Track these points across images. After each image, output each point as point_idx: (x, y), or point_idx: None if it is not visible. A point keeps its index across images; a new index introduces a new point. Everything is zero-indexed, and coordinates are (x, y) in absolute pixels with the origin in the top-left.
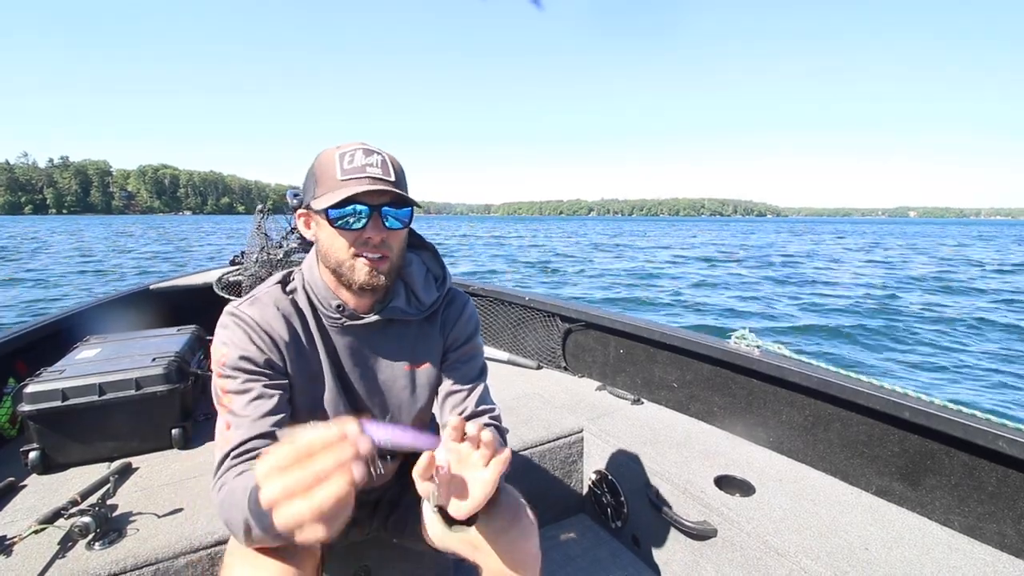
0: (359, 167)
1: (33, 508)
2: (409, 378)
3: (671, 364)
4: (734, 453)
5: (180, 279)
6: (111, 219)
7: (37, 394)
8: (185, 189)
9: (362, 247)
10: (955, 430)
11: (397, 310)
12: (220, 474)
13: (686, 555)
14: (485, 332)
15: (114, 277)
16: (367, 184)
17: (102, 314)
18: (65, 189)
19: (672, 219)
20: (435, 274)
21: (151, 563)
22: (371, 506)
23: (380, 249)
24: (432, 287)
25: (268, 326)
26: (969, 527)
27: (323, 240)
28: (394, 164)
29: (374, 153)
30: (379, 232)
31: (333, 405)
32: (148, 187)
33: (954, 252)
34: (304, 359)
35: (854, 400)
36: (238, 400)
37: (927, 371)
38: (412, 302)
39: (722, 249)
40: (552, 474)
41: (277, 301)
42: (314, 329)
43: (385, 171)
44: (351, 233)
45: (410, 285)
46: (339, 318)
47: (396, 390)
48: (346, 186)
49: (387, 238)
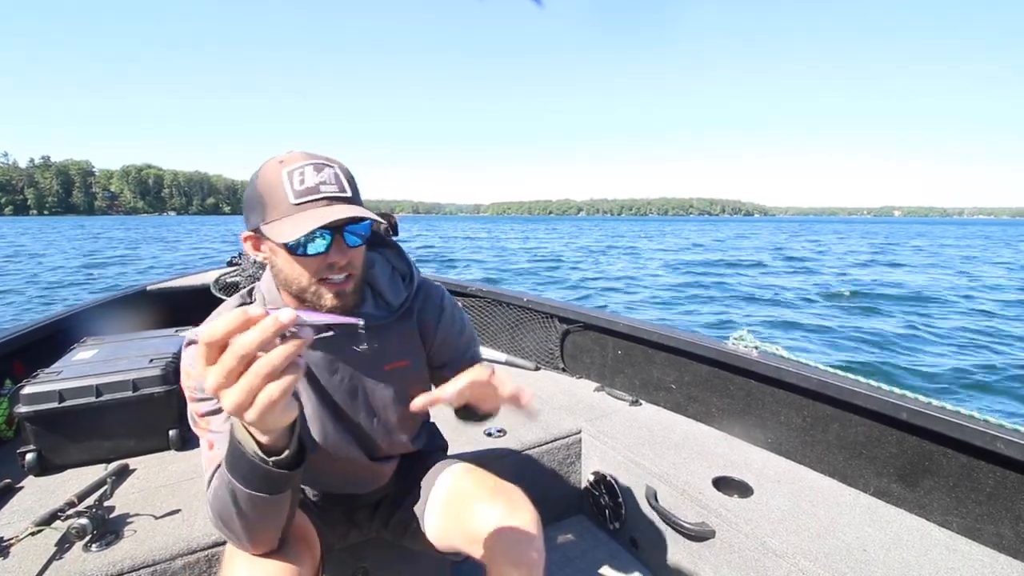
0: (312, 187)
1: (30, 510)
2: (391, 378)
3: (669, 365)
4: (732, 454)
5: (177, 280)
6: (91, 220)
7: (34, 395)
8: (170, 189)
9: (326, 271)
10: (953, 431)
11: (367, 316)
12: (210, 486)
13: (684, 556)
14: (483, 333)
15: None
16: (322, 206)
17: (99, 315)
18: (46, 190)
19: (662, 219)
20: (401, 272)
21: (148, 564)
22: (371, 508)
23: (344, 270)
24: (399, 286)
25: None
26: (967, 528)
27: (280, 266)
28: (346, 175)
29: (324, 167)
30: (342, 255)
31: (318, 422)
32: (132, 187)
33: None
34: None
35: (852, 401)
36: (216, 419)
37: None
38: (380, 304)
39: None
40: (550, 475)
41: None
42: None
43: (340, 187)
44: (312, 259)
45: (376, 287)
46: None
47: (379, 393)
48: (302, 212)
49: (351, 258)
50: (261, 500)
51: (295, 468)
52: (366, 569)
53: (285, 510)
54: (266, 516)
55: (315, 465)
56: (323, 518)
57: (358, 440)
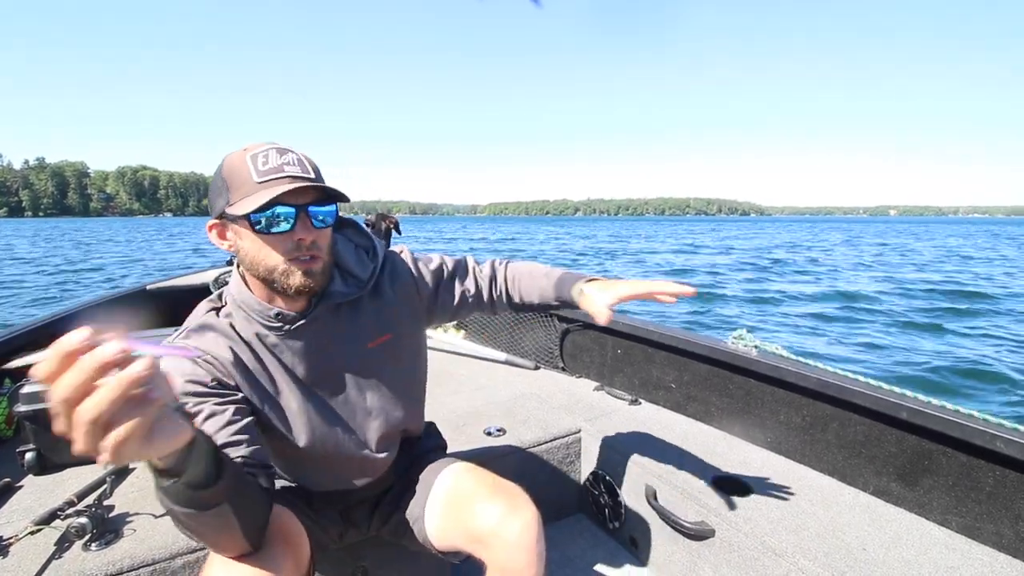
0: (276, 167)
1: (29, 509)
2: (377, 353)
3: (669, 364)
4: (732, 453)
5: (177, 279)
6: (84, 222)
7: (33, 395)
8: (165, 190)
9: (293, 251)
10: (953, 430)
11: (337, 294)
12: None
13: (684, 556)
14: (482, 332)
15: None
16: (288, 184)
17: (99, 314)
18: (41, 191)
19: (659, 219)
20: (364, 247)
21: (148, 564)
22: (369, 506)
23: (311, 250)
24: (365, 260)
25: (211, 353)
26: (967, 527)
27: (247, 249)
28: (310, 162)
29: (288, 152)
30: (309, 233)
31: (305, 411)
32: (127, 189)
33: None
34: (256, 378)
35: (851, 400)
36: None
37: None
38: (349, 281)
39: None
40: (549, 474)
41: (214, 327)
42: (259, 347)
43: (303, 169)
44: (278, 237)
45: (342, 264)
46: (282, 325)
47: (366, 373)
48: (266, 187)
49: (317, 238)
50: (195, 515)
51: (207, 488)
52: (365, 568)
53: (229, 523)
54: (210, 528)
55: (307, 462)
56: (316, 517)
57: (349, 430)
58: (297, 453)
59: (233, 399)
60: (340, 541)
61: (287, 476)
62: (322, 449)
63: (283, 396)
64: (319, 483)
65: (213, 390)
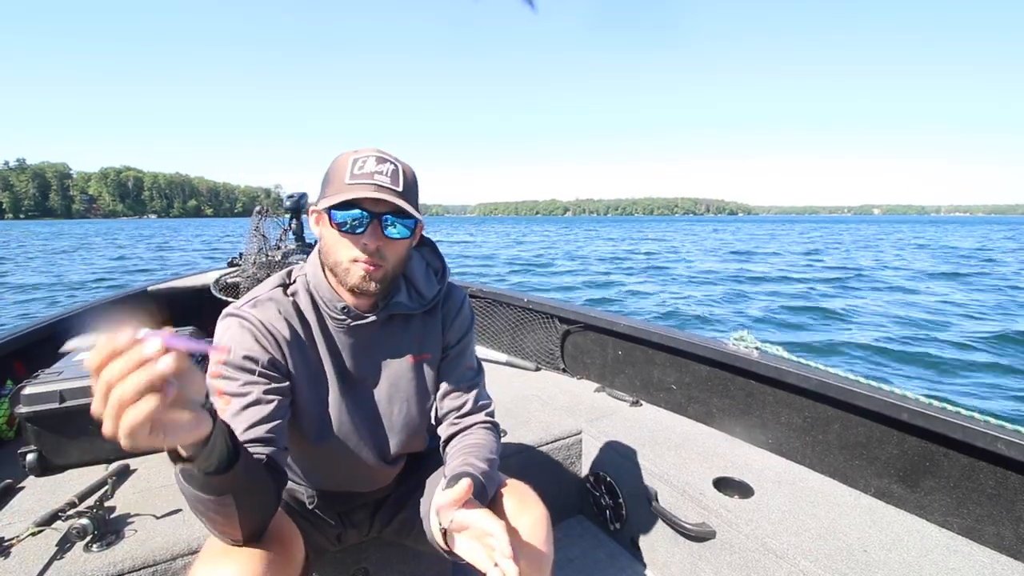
0: (368, 173)
1: (31, 510)
2: (415, 370)
3: (670, 366)
4: (733, 455)
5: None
6: (64, 224)
7: (34, 396)
8: (150, 192)
9: (358, 253)
10: (954, 432)
11: (400, 305)
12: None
13: (685, 557)
14: (484, 333)
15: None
16: (370, 191)
17: (100, 315)
18: (22, 193)
19: (648, 219)
20: (434, 267)
21: (149, 565)
22: (370, 509)
23: (375, 257)
24: (432, 280)
25: (272, 327)
26: (968, 529)
27: (325, 239)
28: (407, 174)
29: (387, 162)
30: (376, 240)
31: (337, 405)
32: (111, 190)
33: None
34: (306, 360)
35: (852, 402)
36: (234, 403)
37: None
38: (414, 296)
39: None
40: (550, 475)
41: (279, 303)
42: (316, 330)
43: (394, 181)
44: (348, 236)
45: (411, 280)
46: (344, 319)
47: (403, 383)
48: (351, 189)
49: (383, 247)
50: (201, 498)
51: (221, 473)
52: (367, 569)
53: (231, 512)
54: (211, 511)
55: (320, 457)
56: (315, 519)
57: (371, 437)
58: (315, 446)
59: (280, 389)
60: (339, 543)
61: (295, 468)
62: (340, 447)
63: (323, 385)
64: (324, 482)
65: (266, 371)
